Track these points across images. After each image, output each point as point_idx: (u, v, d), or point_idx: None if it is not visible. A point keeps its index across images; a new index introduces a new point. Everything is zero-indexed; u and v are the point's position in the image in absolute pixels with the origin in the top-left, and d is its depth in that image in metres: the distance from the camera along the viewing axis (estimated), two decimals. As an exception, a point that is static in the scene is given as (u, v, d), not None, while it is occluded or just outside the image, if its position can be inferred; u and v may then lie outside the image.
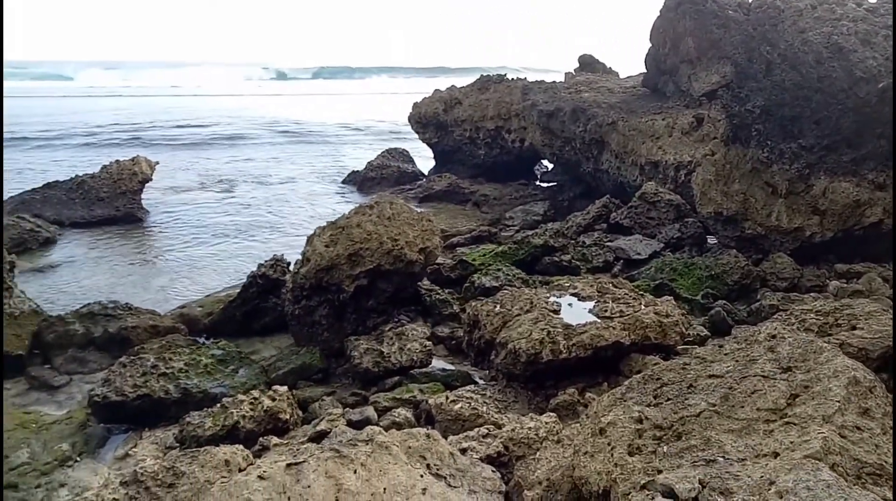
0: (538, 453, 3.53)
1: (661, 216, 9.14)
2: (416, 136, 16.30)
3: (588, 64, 15.68)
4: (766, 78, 7.82)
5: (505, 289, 6.07)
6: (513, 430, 3.86)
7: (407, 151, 16.44)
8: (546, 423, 3.89)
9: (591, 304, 5.43)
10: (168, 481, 2.94)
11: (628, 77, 14.40)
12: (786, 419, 2.59)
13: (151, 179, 12.37)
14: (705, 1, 9.55)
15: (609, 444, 2.71)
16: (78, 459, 4.78)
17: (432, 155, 16.22)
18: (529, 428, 3.86)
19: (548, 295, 5.55)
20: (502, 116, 14.02)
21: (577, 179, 12.60)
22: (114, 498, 2.81)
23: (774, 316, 5.52)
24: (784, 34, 7.77)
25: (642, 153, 10.33)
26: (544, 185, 14.25)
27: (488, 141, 14.45)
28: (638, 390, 3.03)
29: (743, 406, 2.73)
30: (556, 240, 8.62)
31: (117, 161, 12.04)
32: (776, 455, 2.40)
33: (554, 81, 14.01)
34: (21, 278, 7.21)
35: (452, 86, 15.55)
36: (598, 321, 5.09)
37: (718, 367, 3.03)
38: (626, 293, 5.61)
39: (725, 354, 3.17)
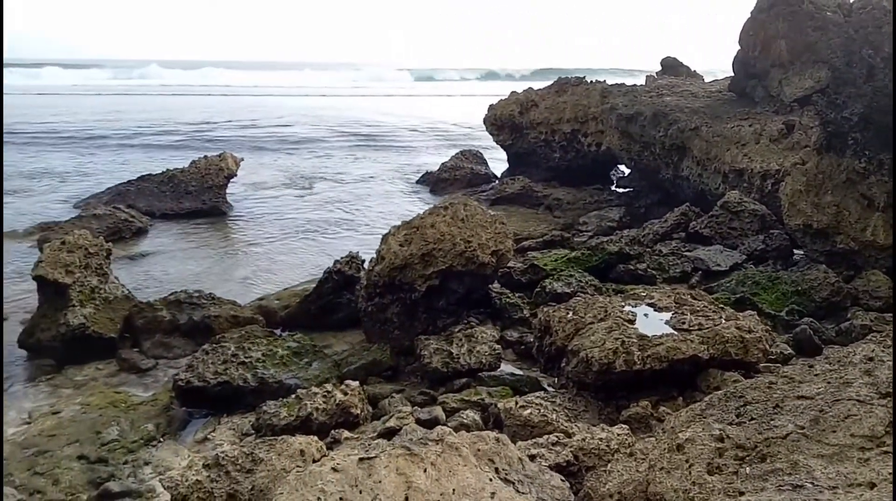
0: (609, 465, 3.45)
1: (745, 227, 8.77)
2: (491, 138, 16.29)
3: (671, 67, 15.24)
4: (866, 83, 7.36)
5: (578, 296, 5.98)
6: (583, 440, 3.80)
7: (480, 153, 16.45)
8: (618, 435, 3.80)
9: (667, 315, 5.26)
10: (247, 466, 3.05)
11: (713, 81, 13.91)
12: (884, 448, 2.43)
13: (236, 175, 12.91)
14: (801, 2, 9.11)
15: (687, 461, 2.62)
16: (161, 439, 5.04)
17: (506, 157, 16.17)
18: (601, 439, 3.78)
19: (622, 304, 5.42)
20: (579, 118, 13.82)
21: (654, 186, 12.26)
22: (197, 480, 2.94)
23: (868, 337, 5.19)
24: (889, 37, 7.30)
25: (726, 160, 9.94)
26: (620, 190, 13.94)
27: (564, 144, 14.27)
28: (719, 407, 2.92)
29: (835, 431, 2.57)
30: (632, 248, 8.42)
31: (205, 157, 12.63)
32: (872, 485, 2.25)
33: (634, 85, 13.70)
34: (115, 265, 7.65)
35: (529, 88, 15.46)
36: (675, 333, 4.93)
37: (808, 388, 2.88)
38: (705, 306, 5.41)
39: (816, 375, 3.00)
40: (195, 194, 12.14)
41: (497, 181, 14.91)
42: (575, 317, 5.23)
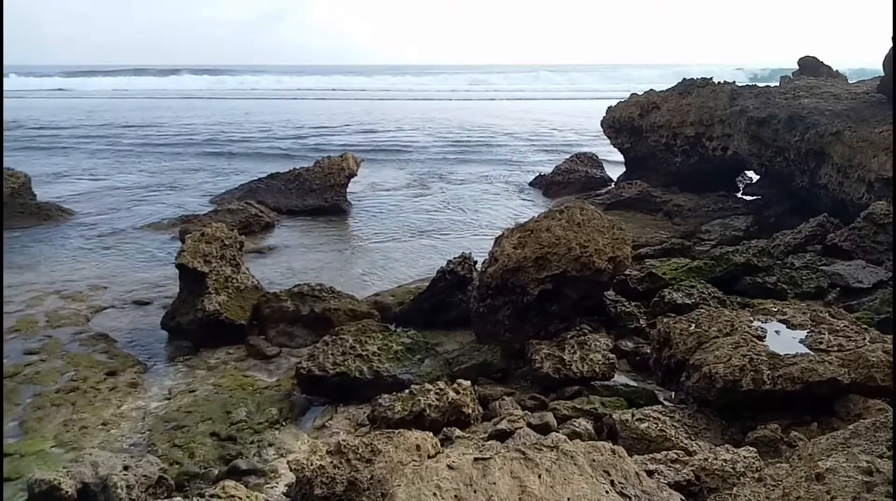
0: (735, 488, 3.25)
1: (892, 241, 7.98)
2: (608, 141, 15.88)
3: (810, 66, 14.17)
4: None
5: (700, 308, 5.69)
6: (706, 459, 3.61)
7: (596, 156, 16.09)
8: (745, 457, 3.58)
9: (802, 333, 4.89)
10: (367, 456, 3.16)
11: (859, 82, 12.78)
12: None
13: (356, 175, 13.43)
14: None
15: (829, 493, 2.42)
16: (283, 423, 5.34)
17: (622, 161, 15.71)
18: (725, 460, 3.58)
19: (751, 319, 5.10)
20: (704, 122, 13.16)
21: (787, 194, 11.44)
22: (321, 465, 3.09)
23: None
24: None
25: (872, 168, 9.09)
26: (747, 198, 13.14)
27: (686, 148, 13.64)
28: (866, 437, 2.67)
29: None
30: (761, 259, 7.90)
31: (328, 157, 13.23)
32: None
33: (767, 86, 12.86)
34: (246, 257, 8.19)
35: (651, 90, 14.93)
36: (811, 353, 4.57)
37: (976, 424, 2.57)
38: (846, 326, 4.98)
39: None
40: (318, 192, 12.76)
41: (613, 185, 14.51)
42: (698, 330, 4.98)
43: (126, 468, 4.09)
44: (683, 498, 3.25)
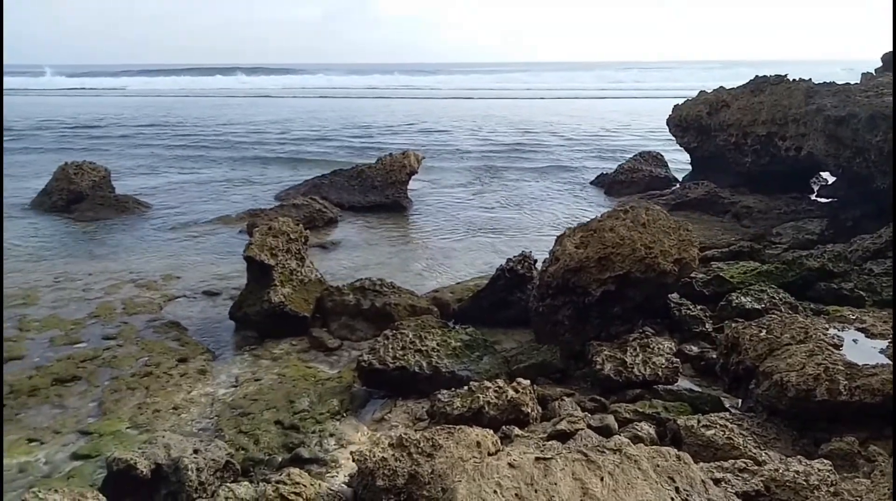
0: (808, 502, 3.13)
1: None
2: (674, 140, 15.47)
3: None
4: None
5: (771, 313, 5.48)
6: (776, 470, 3.47)
7: (661, 156, 15.71)
8: (818, 470, 3.43)
9: (882, 343, 4.65)
10: (428, 451, 3.19)
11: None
12: None
13: (417, 172, 13.54)
14: None
15: (914, 512, 2.29)
16: (344, 415, 5.44)
17: (689, 161, 15.27)
18: (797, 472, 3.43)
19: (826, 326, 4.89)
20: (777, 120, 12.63)
21: (865, 197, 10.85)
22: (383, 457, 3.14)
23: None
24: None
25: (963, 170, 8.53)
26: (822, 200, 12.54)
27: (757, 148, 13.13)
28: (956, 455, 2.51)
29: None
30: (837, 264, 7.54)
31: (390, 154, 13.39)
32: None
33: (847, 83, 12.23)
34: (310, 251, 8.38)
35: (720, 87, 14.44)
36: (892, 363, 4.34)
37: None
38: (932, 336, 4.70)
39: None
40: (379, 189, 12.93)
41: (678, 186, 14.13)
42: (769, 336, 4.79)
43: (196, 451, 4.26)
44: (752, 509, 3.14)
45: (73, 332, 7.04)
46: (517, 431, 4.46)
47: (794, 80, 13.03)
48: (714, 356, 5.79)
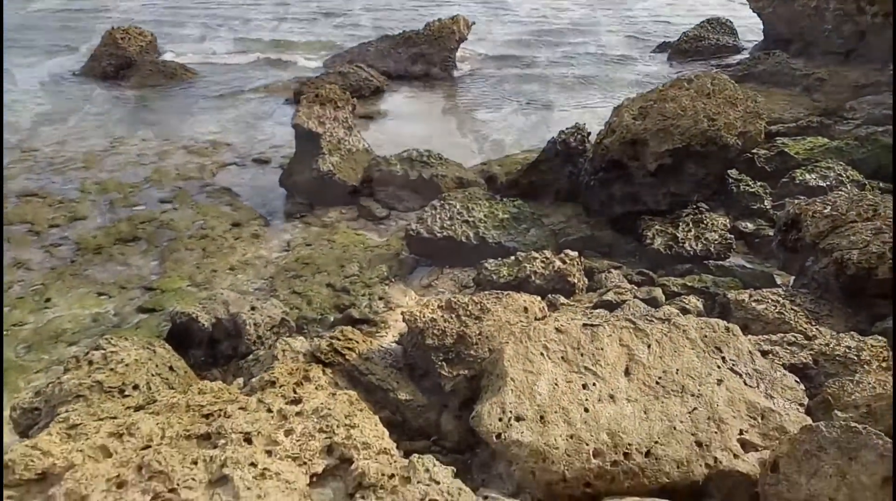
0: (857, 376, 3.11)
1: None
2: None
3: None
4: None
5: (839, 191, 5.21)
6: (826, 344, 3.44)
7: (731, 23, 14.50)
8: (872, 346, 3.38)
9: (958, 223, 4.39)
10: (476, 313, 3.25)
11: None
12: None
13: (467, 39, 12.90)
14: None
15: (975, 387, 2.24)
16: (392, 280, 5.59)
17: (761, 28, 14.08)
18: (848, 347, 3.40)
19: (898, 204, 4.62)
20: (867, -19, 11.37)
21: (958, 69, 9.91)
22: (433, 317, 3.22)
23: None
24: None
25: None
26: (907, 73, 11.52)
27: (839, 13, 11.95)
28: None
29: None
30: (915, 141, 7.03)
31: (439, 19, 12.72)
32: None
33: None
34: (357, 122, 8.26)
35: (806, -58, 12.94)
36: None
37: None
38: None
39: None
40: (427, 57, 12.43)
41: (747, 55, 13.14)
42: (834, 213, 4.59)
43: (253, 308, 4.46)
44: (798, 380, 3.14)
45: (132, 195, 7.27)
46: (563, 300, 4.50)
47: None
48: (770, 233, 5.62)
